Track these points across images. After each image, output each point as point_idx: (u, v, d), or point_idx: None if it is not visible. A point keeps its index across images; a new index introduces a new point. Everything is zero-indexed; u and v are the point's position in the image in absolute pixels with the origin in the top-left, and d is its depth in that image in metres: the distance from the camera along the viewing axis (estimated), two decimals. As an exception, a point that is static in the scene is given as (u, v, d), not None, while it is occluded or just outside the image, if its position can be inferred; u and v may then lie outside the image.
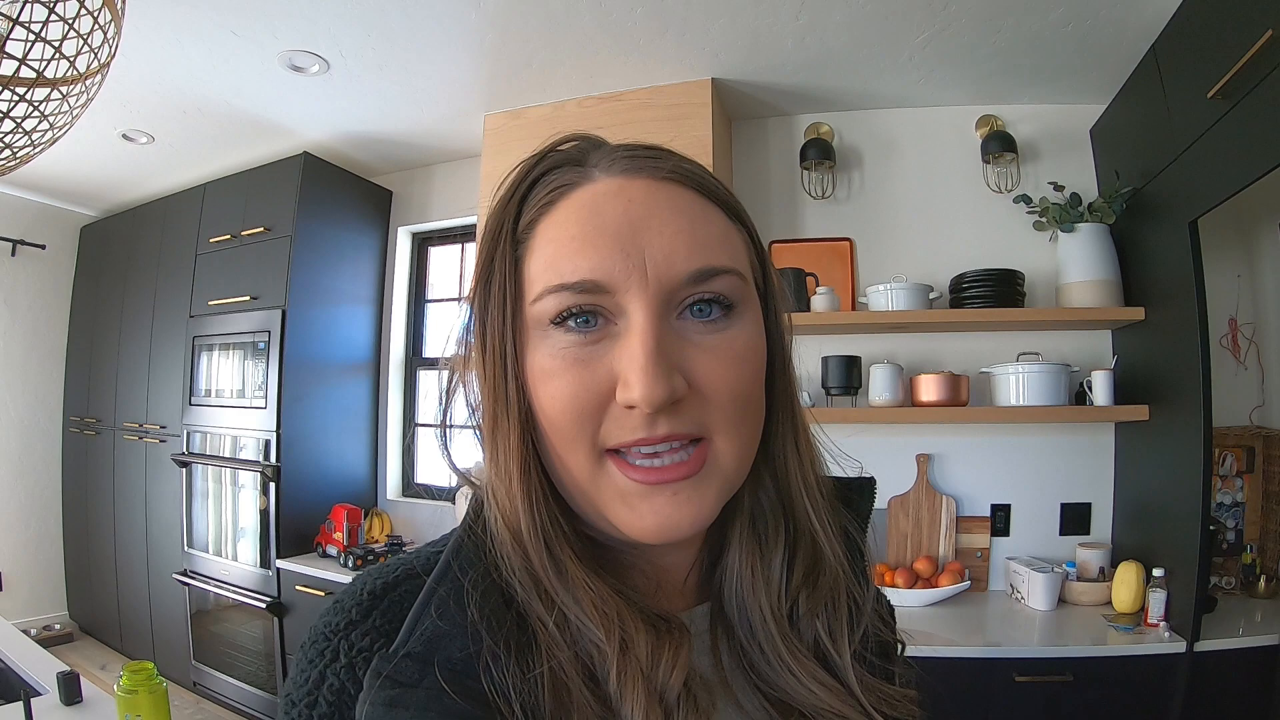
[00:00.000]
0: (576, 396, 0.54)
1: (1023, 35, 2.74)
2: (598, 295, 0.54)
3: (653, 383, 0.51)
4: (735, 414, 0.56)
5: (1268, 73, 1.94)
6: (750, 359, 0.58)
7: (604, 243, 0.54)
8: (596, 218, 0.55)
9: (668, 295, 0.54)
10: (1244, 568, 2.82)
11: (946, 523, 3.12)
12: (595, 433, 0.55)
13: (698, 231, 0.56)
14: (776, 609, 0.62)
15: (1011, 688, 2.38)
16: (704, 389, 0.55)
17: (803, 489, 0.65)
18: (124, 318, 4.72)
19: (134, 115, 3.52)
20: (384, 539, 3.92)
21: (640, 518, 0.55)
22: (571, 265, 0.54)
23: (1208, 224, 2.42)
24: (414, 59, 3.00)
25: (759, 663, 0.62)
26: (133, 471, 4.57)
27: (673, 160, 0.60)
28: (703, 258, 0.55)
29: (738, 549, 0.64)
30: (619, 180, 0.58)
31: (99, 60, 1.52)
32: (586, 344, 0.55)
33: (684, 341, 0.55)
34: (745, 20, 2.70)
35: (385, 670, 0.49)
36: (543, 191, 0.59)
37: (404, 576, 0.58)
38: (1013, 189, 3.15)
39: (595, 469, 0.56)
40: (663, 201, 0.57)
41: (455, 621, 0.52)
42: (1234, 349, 2.94)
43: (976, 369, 3.05)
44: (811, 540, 0.65)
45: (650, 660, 0.53)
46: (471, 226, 3.87)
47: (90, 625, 5.02)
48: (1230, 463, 2.88)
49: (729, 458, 0.57)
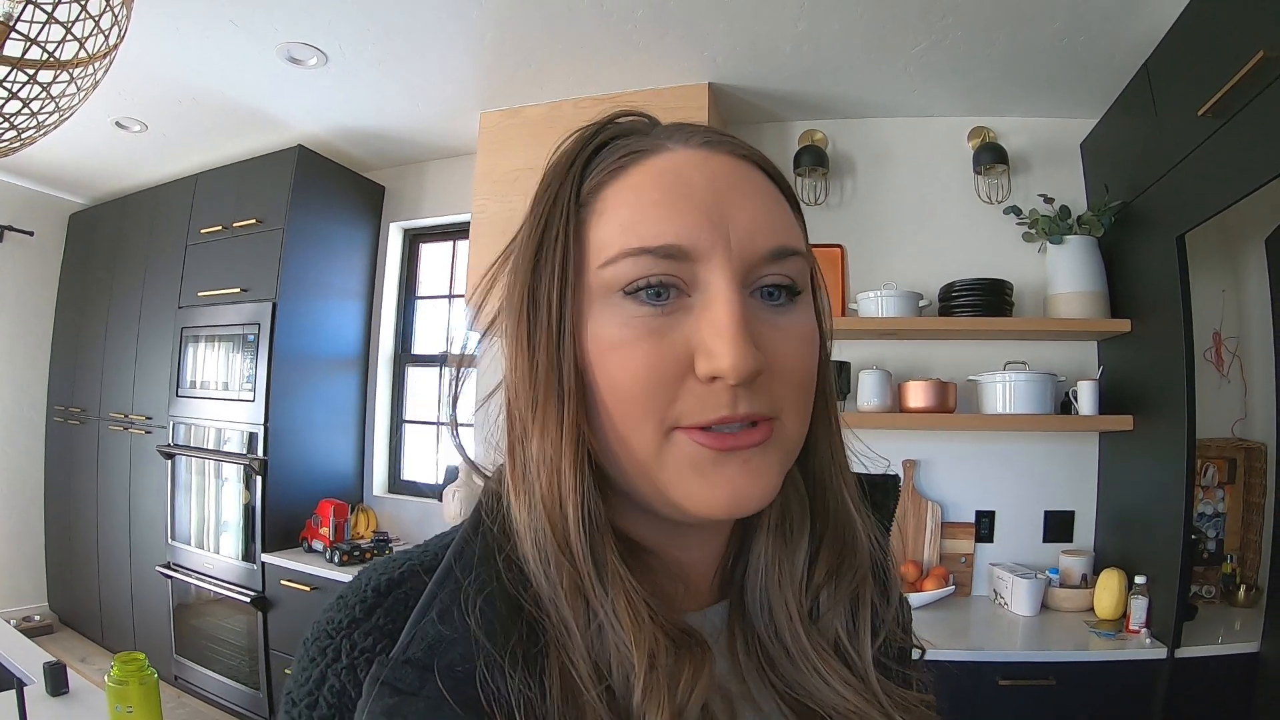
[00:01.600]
0: (652, 367, 0.51)
1: (1017, 49, 2.78)
2: (678, 264, 0.52)
3: (743, 352, 0.49)
4: (801, 394, 0.56)
5: (1258, 92, 1.97)
6: (812, 343, 0.58)
7: (690, 209, 0.53)
8: (681, 185, 0.54)
9: (748, 269, 0.53)
10: (1224, 577, 2.86)
11: (932, 528, 3.15)
12: (665, 408, 0.52)
13: (775, 212, 0.56)
14: (800, 608, 0.61)
15: (995, 691, 2.41)
16: (778, 369, 0.53)
17: (837, 476, 0.64)
18: (111, 307, 4.68)
19: (128, 103, 3.50)
20: (370, 535, 3.91)
21: (713, 488, 0.52)
22: (655, 229, 0.52)
23: (1194, 239, 2.46)
24: (413, 54, 3.00)
25: (781, 662, 0.60)
26: (117, 462, 4.53)
27: (747, 144, 0.59)
28: (781, 237, 0.55)
29: (765, 539, 0.62)
30: (702, 152, 0.56)
31: (108, 42, 1.52)
32: (661, 314, 0.52)
33: (759, 320, 0.53)
34: (744, 26, 2.72)
35: (384, 676, 0.48)
36: (613, 156, 0.57)
37: (409, 574, 0.56)
38: (1003, 200, 3.19)
39: (661, 444, 0.53)
40: (745, 178, 0.56)
41: (456, 627, 0.50)
42: (1217, 362, 2.98)
43: (964, 377, 3.08)
44: (843, 531, 0.63)
45: (670, 678, 0.51)
46: (464, 224, 3.87)
47: (71, 617, 4.98)
48: (1212, 474, 2.93)
49: (791, 432, 0.56)
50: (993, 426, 2.99)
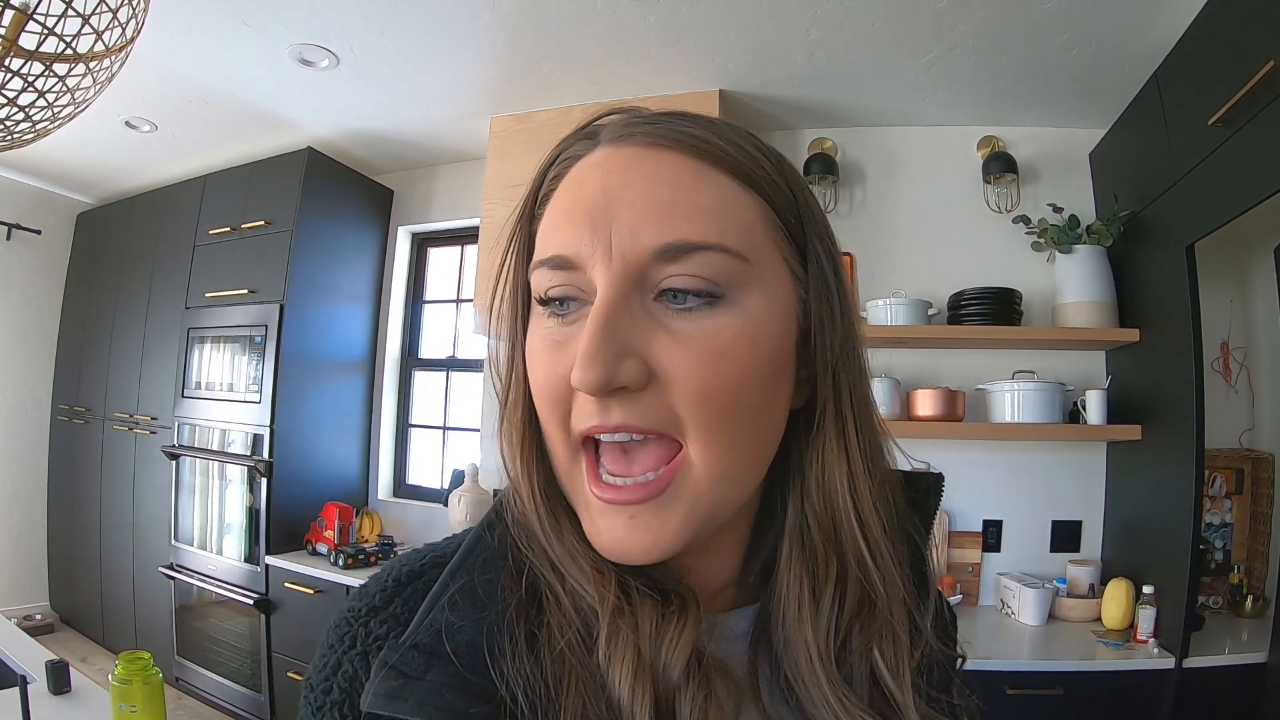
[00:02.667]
0: (548, 379, 0.52)
1: (1027, 59, 2.79)
2: (570, 273, 0.51)
3: (587, 363, 0.47)
4: (711, 418, 0.50)
5: (1268, 102, 1.97)
6: (739, 354, 0.50)
7: (577, 216, 0.52)
8: (578, 190, 0.53)
9: (635, 272, 0.49)
10: (1231, 587, 2.85)
11: (939, 537, 3.14)
12: (566, 418, 0.52)
13: (681, 201, 0.50)
14: (824, 651, 0.55)
15: (1002, 700, 2.40)
16: (669, 381, 0.49)
17: (852, 512, 0.56)
18: (118, 307, 4.69)
19: (138, 102, 3.51)
20: (375, 539, 3.91)
21: (598, 534, 0.52)
22: (549, 240, 0.53)
23: (1203, 249, 2.46)
24: (424, 57, 3.01)
25: (803, 699, 0.55)
26: (121, 462, 4.53)
27: (676, 123, 0.54)
28: (676, 231, 0.49)
29: (786, 578, 0.57)
30: (607, 150, 0.54)
31: (125, 36, 1.53)
32: (563, 325, 0.52)
33: (654, 325, 0.50)
34: (755, 34, 2.73)
35: (390, 660, 0.49)
36: (558, 165, 0.57)
37: (430, 565, 0.57)
38: (1012, 209, 3.19)
39: (571, 462, 0.54)
40: (645, 170, 0.51)
41: (465, 614, 0.51)
42: (1225, 372, 2.98)
43: (973, 385, 3.08)
44: (860, 573, 0.56)
45: (653, 634, 0.50)
46: (473, 229, 3.87)
47: (72, 616, 4.97)
48: (1220, 484, 2.92)
49: (703, 470, 0.51)
50: (1001, 435, 2.99)
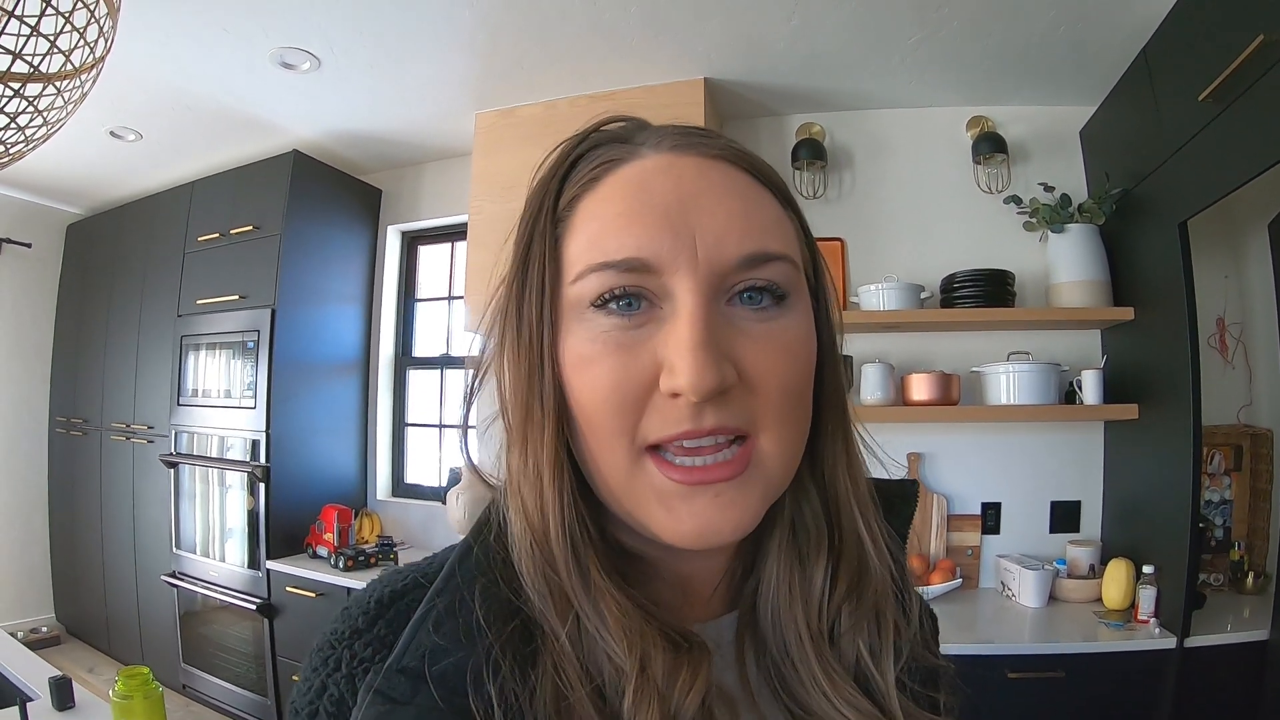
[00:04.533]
0: (618, 385, 0.50)
1: (1014, 38, 2.76)
2: (643, 275, 0.51)
3: (702, 368, 0.47)
4: (784, 410, 0.52)
5: (1259, 76, 1.96)
6: (801, 353, 0.54)
7: (652, 220, 0.51)
8: (644, 194, 0.52)
9: (718, 279, 0.51)
10: (1232, 564, 2.84)
11: (938, 521, 3.14)
12: (635, 426, 0.51)
13: (751, 214, 0.53)
14: (815, 627, 0.58)
15: (1004, 684, 2.40)
16: (753, 380, 0.51)
17: (852, 496, 0.60)
18: (111, 317, 4.68)
19: (122, 112, 3.49)
20: (374, 539, 3.91)
21: (679, 521, 0.51)
22: (617, 243, 0.51)
23: (1196, 225, 2.44)
24: (406, 57, 2.99)
25: (791, 681, 0.58)
26: (120, 472, 4.53)
27: (724, 140, 0.57)
28: (756, 242, 0.52)
29: (776, 561, 0.60)
30: (669, 156, 0.54)
31: (94, 55, 1.51)
32: (629, 328, 0.51)
33: (733, 329, 0.51)
34: (738, 21, 2.71)
35: (377, 684, 0.49)
36: (586, 168, 0.56)
37: (413, 585, 0.56)
38: (1003, 190, 3.17)
39: (632, 467, 0.52)
40: (715, 180, 0.53)
41: (451, 636, 0.50)
42: (1222, 348, 2.96)
43: (967, 368, 3.07)
44: (858, 552, 0.60)
45: (666, 681, 0.50)
46: (462, 225, 3.86)
47: (77, 628, 4.98)
48: (1218, 461, 2.91)
49: (774, 459, 0.53)
50: (997, 418, 2.98)
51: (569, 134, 0.59)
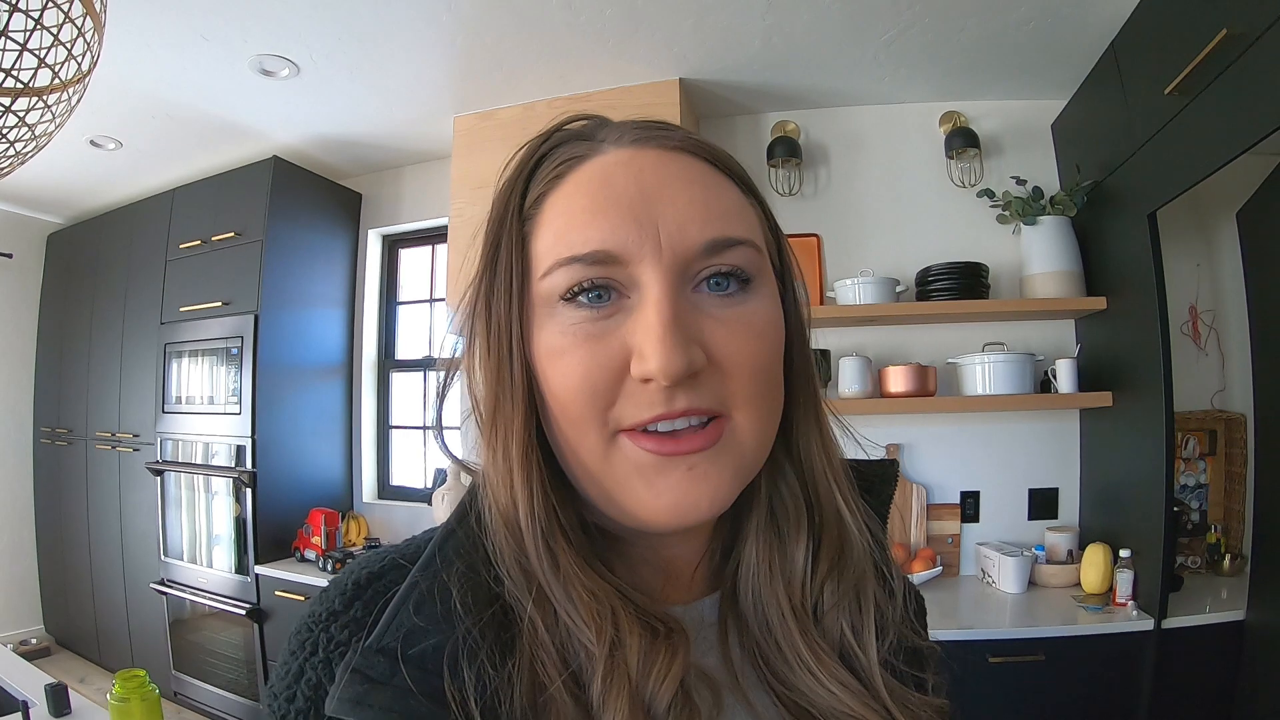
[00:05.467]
0: (589, 373, 0.52)
1: (985, 34, 2.80)
2: (610, 267, 0.52)
3: (671, 352, 0.49)
4: (754, 390, 0.54)
5: (1223, 69, 2.00)
6: (769, 334, 0.56)
7: (616, 212, 0.52)
8: (607, 188, 0.54)
9: (683, 266, 0.52)
10: (1209, 547, 2.89)
11: (917, 510, 3.18)
12: (607, 412, 0.52)
13: (712, 202, 0.55)
14: (799, 605, 0.60)
15: (986, 669, 2.44)
16: (723, 363, 0.52)
17: (828, 473, 0.62)
18: (94, 326, 4.66)
19: (102, 121, 3.49)
20: (361, 542, 3.91)
21: (656, 495, 0.52)
22: (582, 236, 0.52)
23: (1166, 215, 2.49)
24: (385, 61, 3.01)
25: (775, 660, 0.59)
26: (106, 481, 4.52)
27: (682, 132, 0.59)
28: (718, 228, 0.53)
29: (754, 542, 0.62)
30: (629, 151, 0.56)
31: (81, 68, 1.52)
32: (598, 319, 0.52)
33: (701, 314, 0.53)
34: (713, 20, 2.73)
35: (355, 663, 0.49)
36: (550, 166, 0.58)
37: (390, 566, 0.57)
38: (976, 183, 3.21)
39: (607, 449, 0.53)
40: (675, 171, 0.55)
41: (431, 618, 0.51)
42: (1194, 335, 3.02)
43: (943, 360, 3.10)
44: (838, 528, 0.62)
45: (641, 667, 0.51)
46: (442, 228, 3.87)
47: (67, 638, 4.96)
48: (1193, 446, 2.96)
49: (747, 434, 0.54)
50: (974, 408, 3.02)
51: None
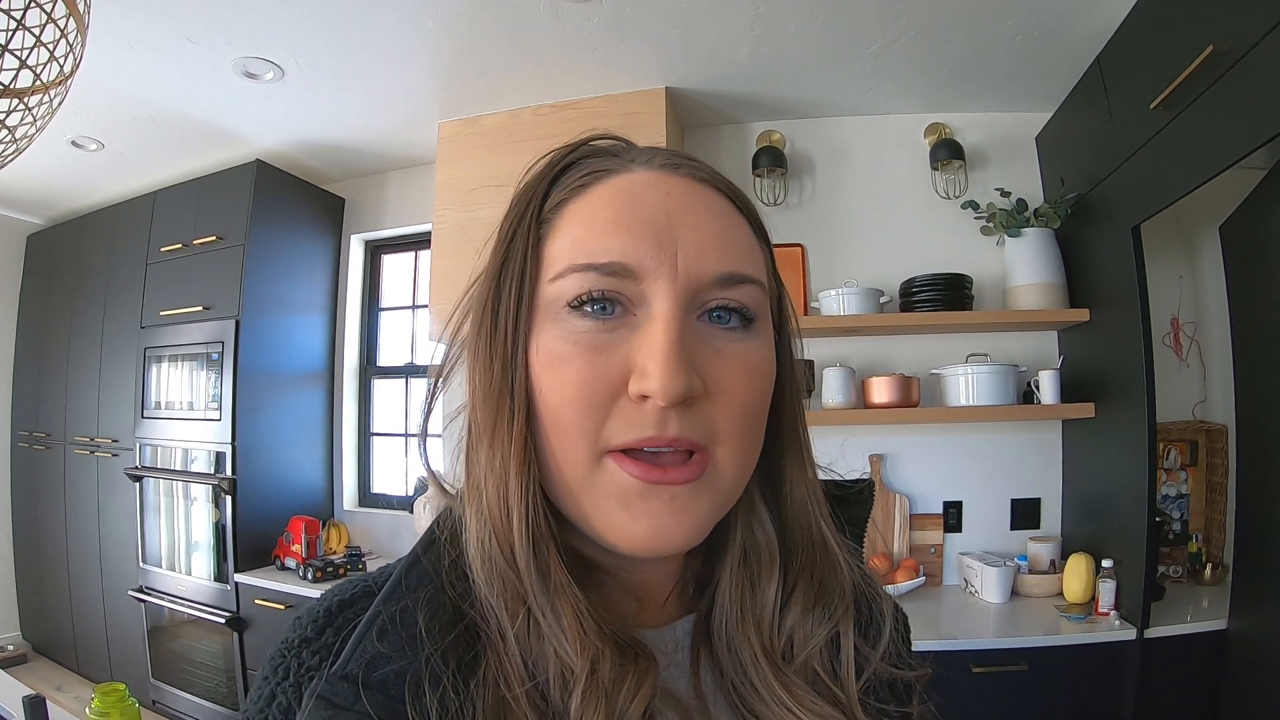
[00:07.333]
0: (586, 384, 0.51)
1: (972, 46, 2.82)
2: (623, 280, 0.52)
3: (674, 372, 0.49)
4: (741, 427, 0.54)
5: (1208, 86, 2.02)
6: (763, 375, 0.57)
7: (639, 228, 0.53)
8: (633, 203, 0.54)
9: (694, 292, 0.53)
10: (1190, 556, 2.92)
11: (900, 521, 3.18)
12: (599, 427, 0.52)
13: (730, 236, 0.56)
14: (769, 647, 0.60)
15: (969, 679, 2.44)
16: (716, 395, 0.53)
17: (812, 514, 0.62)
18: (73, 329, 4.61)
19: (84, 122, 3.45)
20: (342, 550, 3.89)
21: (634, 520, 0.52)
22: (602, 245, 0.53)
23: (1150, 227, 2.50)
24: (370, 67, 3.00)
25: (751, 699, 0.59)
26: (84, 486, 4.47)
27: (709, 167, 0.60)
28: (733, 263, 0.54)
29: (728, 585, 0.62)
30: (659, 173, 0.57)
31: (63, 71, 1.51)
32: (602, 330, 0.52)
33: (702, 344, 0.53)
34: (700, 31, 2.73)
35: (320, 690, 0.49)
36: (576, 175, 0.58)
37: (361, 594, 0.57)
38: (960, 195, 3.23)
39: (592, 467, 0.52)
40: (700, 201, 0.56)
41: (394, 644, 0.51)
42: (1176, 347, 3.04)
43: (927, 370, 3.12)
44: (816, 571, 0.62)
45: (612, 686, 0.51)
46: (425, 234, 3.85)
47: (44, 646, 4.88)
48: (1175, 456, 2.98)
49: (727, 472, 0.54)
50: (957, 419, 3.02)
51: (531, 142, 0.62)
